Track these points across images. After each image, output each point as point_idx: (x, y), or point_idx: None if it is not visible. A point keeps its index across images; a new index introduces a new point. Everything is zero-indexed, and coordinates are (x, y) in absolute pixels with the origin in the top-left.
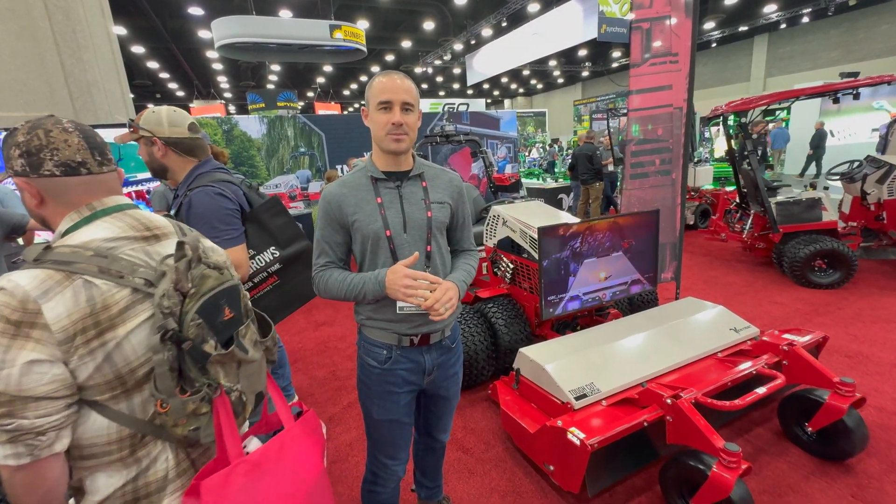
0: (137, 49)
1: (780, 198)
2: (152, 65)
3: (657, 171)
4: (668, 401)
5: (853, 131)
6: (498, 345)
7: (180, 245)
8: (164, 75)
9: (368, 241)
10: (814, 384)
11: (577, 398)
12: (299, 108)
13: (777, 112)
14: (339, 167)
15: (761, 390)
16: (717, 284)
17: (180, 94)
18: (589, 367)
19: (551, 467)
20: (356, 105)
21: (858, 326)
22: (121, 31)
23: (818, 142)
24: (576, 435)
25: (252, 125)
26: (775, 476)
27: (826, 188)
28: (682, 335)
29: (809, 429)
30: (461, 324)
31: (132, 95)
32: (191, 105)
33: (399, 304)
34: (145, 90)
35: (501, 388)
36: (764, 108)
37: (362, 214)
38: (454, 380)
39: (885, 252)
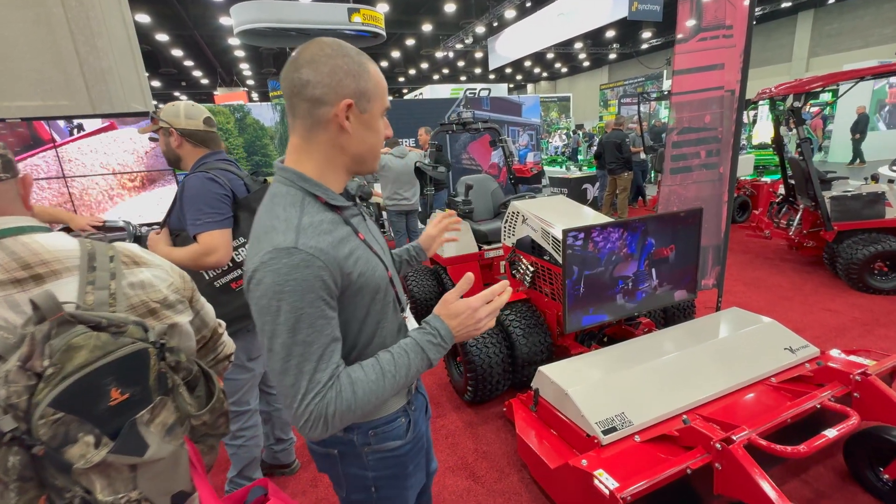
0: (162, 37)
1: (835, 191)
2: (177, 53)
3: (702, 164)
4: (718, 445)
5: None
6: (515, 356)
7: (38, 303)
8: (188, 63)
9: (376, 297)
10: (893, 423)
11: (606, 432)
12: None
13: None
14: None
15: (831, 433)
16: (760, 287)
17: (204, 81)
18: (619, 392)
19: None
20: None
21: None
22: (145, 18)
23: (861, 127)
24: (604, 483)
25: (265, 113)
26: None
27: (892, 181)
28: (728, 355)
29: (886, 476)
30: None
31: (158, 84)
32: (214, 93)
33: None
34: (171, 78)
35: (518, 407)
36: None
37: (363, 264)
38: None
39: None
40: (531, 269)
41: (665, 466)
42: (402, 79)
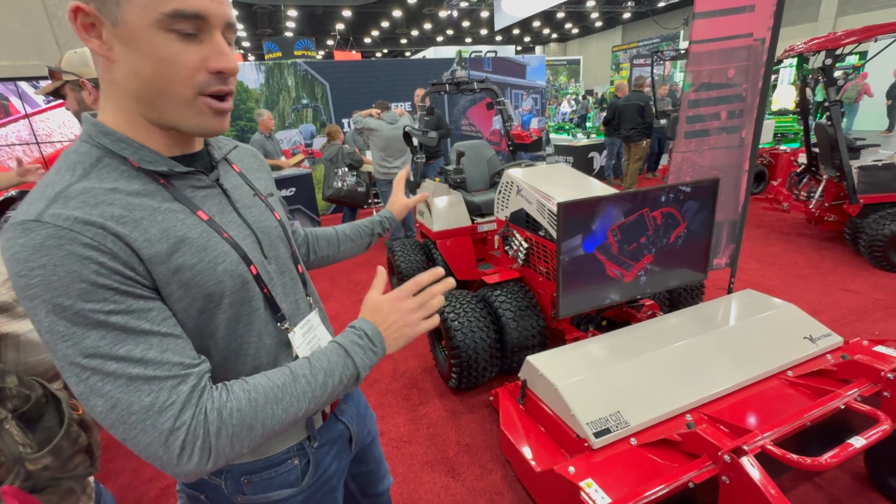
0: None
1: (864, 161)
2: None
3: (721, 127)
4: (727, 457)
5: None
6: (505, 341)
7: None
8: None
9: (221, 302)
10: None
11: (598, 434)
12: (318, 57)
13: (847, 59)
14: (345, 122)
15: (858, 442)
16: (775, 264)
17: None
18: (615, 388)
19: None
20: (379, 53)
21: None
22: None
23: None
24: (592, 499)
25: (248, 73)
26: None
27: None
28: (740, 345)
29: None
30: (459, 315)
31: None
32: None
33: None
34: None
35: (504, 398)
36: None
37: (191, 253)
38: (369, 412)
39: None
40: (525, 245)
41: (664, 479)
42: (403, 40)
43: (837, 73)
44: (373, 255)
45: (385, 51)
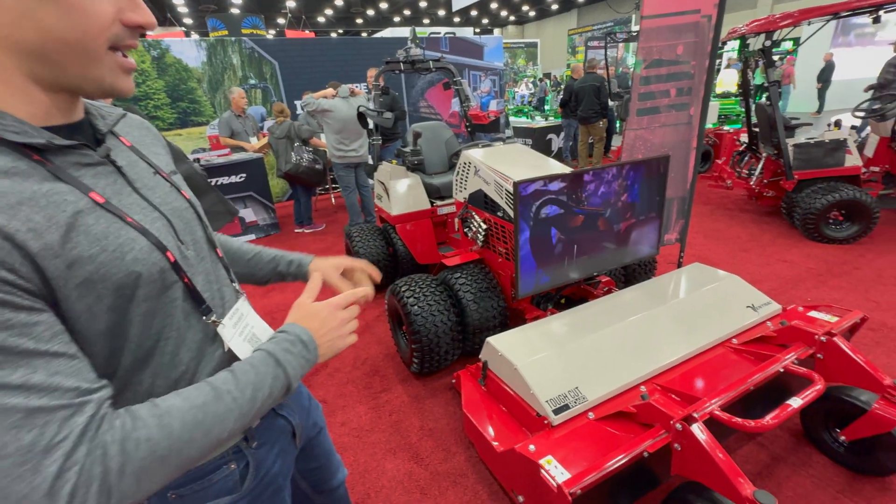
0: None
1: (798, 139)
2: None
3: (671, 104)
4: (678, 426)
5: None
6: (466, 323)
7: None
8: None
9: (135, 294)
10: (855, 384)
11: (557, 411)
12: (267, 36)
13: (782, 44)
14: (297, 104)
15: (796, 402)
16: (720, 239)
17: None
18: (573, 365)
19: (521, 498)
20: (333, 34)
21: (880, 291)
22: None
23: (826, 75)
24: (551, 475)
25: (188, 50)
26: (797, 497)
27: (854, 127)
28: (689, 316)
29: (842, 437)
30: (419, 299)
31: None
32: (147, 32)
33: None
34: None
35: (466, 380)
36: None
37: (90, 241)
38: (313, 403)
39: None
40: (484, 226)
41: (620, 450)
42: (359, 20)
43: (774, 58)
44: (332, 241)
45: (340, 31)
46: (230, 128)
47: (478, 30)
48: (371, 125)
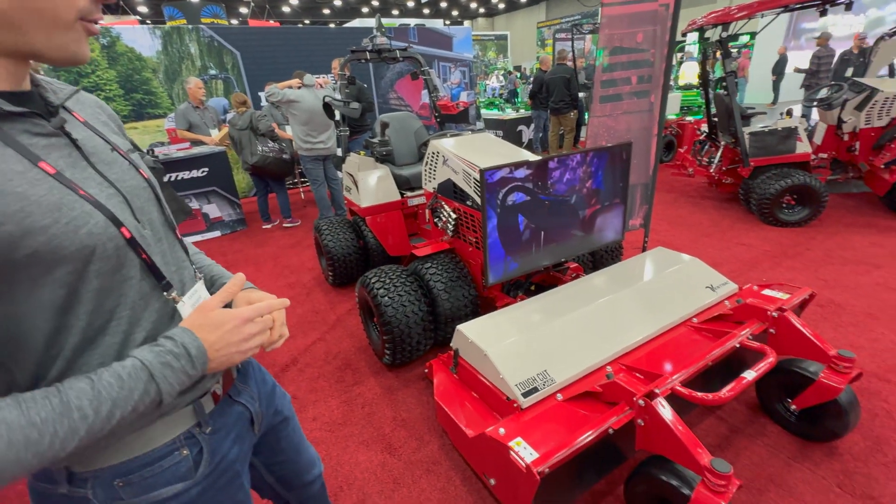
0: None
1: (754, 127)
2: None
3: (633, 91)
4: (641, 402)
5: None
6: (437, 312)
7: None
8: None
9: (87, 270)
10: (804, 356)
11: (526, 394)
12: (229, 25)
13: (740, 38)
14: (261, 95)
15: (750, 375)
16: (683, 225)
17: None
18: (541, 349)
19: (492, 481)
20: (301, 24)
21: (829, 270)
22: None
23: (780, 68)
24: (520, 456)
25: (142, 39)
26: (753, 465)
27: (803, 116)
28: (652, 298)
29: (793, 406)
30: (389, 290)
31: None
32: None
33: None
34: None
35: (438, 369)
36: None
37: (41, 213)
38: (278, 391)
39: (849, 185)
40: (454, 216)
41: (586, 428)
42: (326, 10)
43: (731, 50)
44: (301, 237)
45: (307, 21)
46: (187, 120)
47: (448, 22)
48: (338, 116)
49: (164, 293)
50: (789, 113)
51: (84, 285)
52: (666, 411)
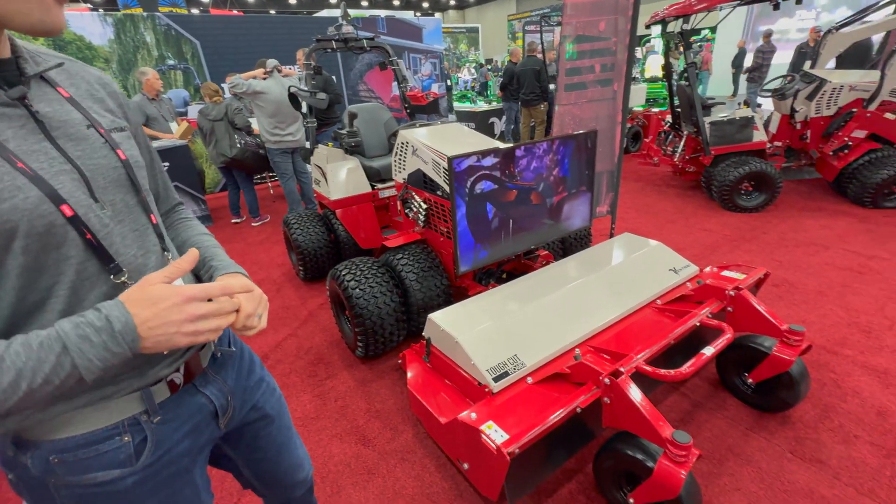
0: None
1: (714, 117)
2: None
3: (596, 79)
4: (606, 380)
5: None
6: (410, 303)
7: None
8: None
9: (7, 245)
10: (759, 331)
11: (497, 378)
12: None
13: (702, 31)
14: (224, 86)
15: (709, 351)
16: (649, 212)
17: None
18: (512, 334)
19: (466, 465)
20: (269, 13)
21: (783, 252)
22: None
23: (739, 61)
24: (491, 439)
25: (91, 26)
26: (714, 437)
27: (759, 106)
28: (619, 282)
29: (750, 380)
30: (360, 282)
31: None
32: None
33: None
34: None
35: (411, 359)
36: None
37: None
38: (265, 387)
39: (802, 172)
40: (424, 206)
41: (555, 408)
42: (292, 0)
43: (692, 43)
44: (270, 232)
45: (272, 12)
46: (144, 113)
47: (419, 14)
48: (304, 107)
49: (112, 276)
50: (746, 103)
51: (10, 260)
52: (631, 389)
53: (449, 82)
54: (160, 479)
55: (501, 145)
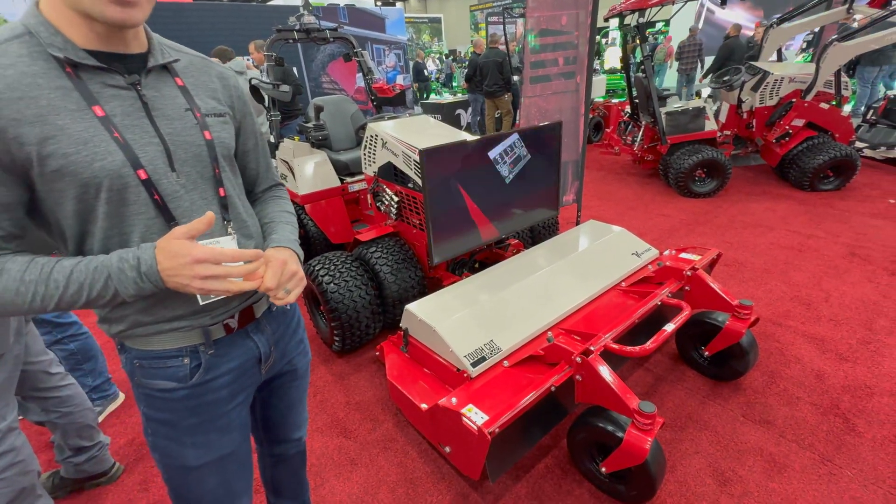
0: None
1: (669, 108)
2: None
3: (560, 72)
4: (578, 359)
5: None
6: (385, 296)
7: None
8: None
9: (94, 194)
10: (713, 308)
11: (475, 363)
12: None
13: (656, 24)
14: None
15: (669, 327)
16: (611, 200)
17: None
18: (487, 320)
19: (447, 448)
20: (222, 1)
21: (732, 233)
22: None
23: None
24: (472, 420)
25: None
26: (675, 407)
27: (710, 97)
28: (585, 267)
29: (706, 352)
30: (334, 277)
31: None
32: None
33: None
34: None
35: (389, 350)
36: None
37: (67, 143)
38: (302, 348)
39: (749, 159)
40: (396, 199)
41: (531, 388)
42: None
43: (653, 39)
44: None
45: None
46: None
47: (379, 2)
48: (267, 100)
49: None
50: (699, 94)
51: (98, 206)
52: (600, 365)
53: (436, 69)
54: (202, 400)
55: (470, 137)
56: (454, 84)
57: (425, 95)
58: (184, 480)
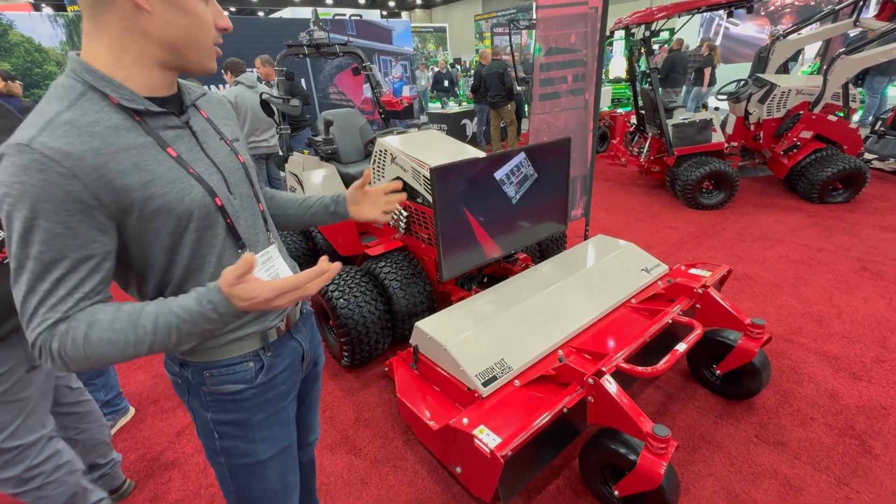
0: None
1: (676, 119)
2: None
3: (569, 89)
4: (590, 380)
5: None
6: (394, 310)
7: None
8: None
9: (188, 226)
10: (725, 326)
11: (486, 383)
12: None
13: (661, 33)
14: None
15: (681, 347)
16: (618, 211)
17: None
18: (497, 338)
19: (458, 469)
20: (225, 13)
21: (741, 247)
22: None
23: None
24: (484, 442)
25: (40, 27)
26: (687, 427)
27: (716, 109)
28: (595, 284)
29: (718, 371)
30: (344, 292)
31: None
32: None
33: None
34: None
35: (398, 366)
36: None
37: (161, 184)
38: (321, 349)
39: (756, 170)
40: (405, 213)
41: (543, 410)
42: None
43: (654, 47)
44: None
45: (233, 9)
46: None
47: (385, 13)
48: (277, 114)
49: (239, 250)
50: (705, 106)
51: (186, 235)
52: (612, 387)
53: (428, 84)
54: (267, 396)
55: (480, 154)
56: (460, 93)
57: (448, 102)
58: (250, 478)
